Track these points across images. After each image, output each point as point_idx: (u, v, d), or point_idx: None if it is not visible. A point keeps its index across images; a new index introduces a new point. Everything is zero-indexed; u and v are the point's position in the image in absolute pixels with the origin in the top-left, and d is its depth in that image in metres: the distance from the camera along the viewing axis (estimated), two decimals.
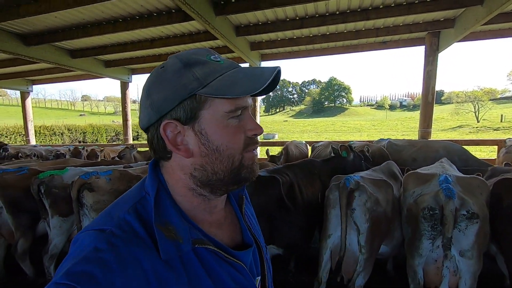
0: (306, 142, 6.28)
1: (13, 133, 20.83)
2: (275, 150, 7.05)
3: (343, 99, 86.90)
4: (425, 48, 5.85)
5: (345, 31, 5.88)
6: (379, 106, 78.67)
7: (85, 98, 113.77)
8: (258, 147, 0.66)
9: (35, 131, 20.78)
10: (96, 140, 24.35)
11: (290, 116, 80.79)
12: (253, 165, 0.62)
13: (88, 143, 18.96)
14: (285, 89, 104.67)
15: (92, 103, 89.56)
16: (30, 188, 2.53)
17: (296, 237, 2.26)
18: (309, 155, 5.75)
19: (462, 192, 1.85)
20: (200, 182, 0.60)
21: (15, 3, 4.25)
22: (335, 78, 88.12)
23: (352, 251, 2.07)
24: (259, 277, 0.71)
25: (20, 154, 5.83)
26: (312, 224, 2.47)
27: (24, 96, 9.78)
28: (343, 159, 2.99)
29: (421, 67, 5.93)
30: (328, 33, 6.00)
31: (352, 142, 4.88)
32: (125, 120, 8.80)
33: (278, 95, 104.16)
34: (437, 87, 5.91)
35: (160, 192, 0.58)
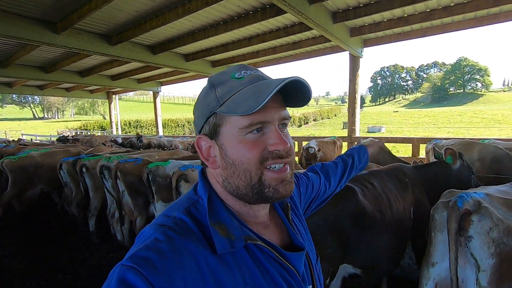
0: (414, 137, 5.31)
1: (150, 125, 26.10)
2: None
3: (477, 83, 70.24)
4: None
5: None
6: None
7: None
8: (287, 165, 0.62)
9: (163, 123, 25.57)
10: None
11: (403, 106, 71.21)
12: (278, 186, 0.61)
13: None
14: (397, 75, 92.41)
15: None
16: (142, 175, 3.05)
17: (377, 258, 1.88)
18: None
19: None
20: (230, 193, 0.63)
21: (143, 20, 5.16)
22: (466, 58, 71.95)
23: None
24: (310, 286, 0.71)
25: (149, 143, 7.19)
26: (401, 245, 2.01)
27: (155, 95, 12.03)
28: (446, 166, 2.31)
29: None
30: (452, 4, 4.81)
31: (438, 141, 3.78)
32: None
33: (387, 83, 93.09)
34: None
35: (212, 196, 0.63)
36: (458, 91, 71.21)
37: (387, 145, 6.73)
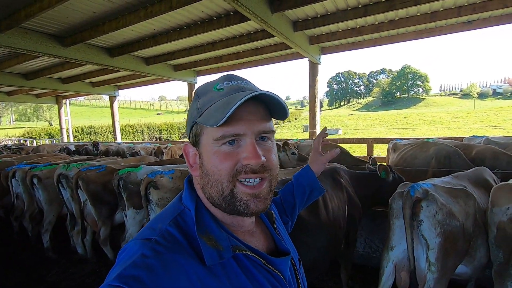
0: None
1: (106, 131, 24.53)
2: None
3: (419, 88, 77.82)
4: None
5: (418, 14, 5.19)
6: (465, 95, 68.28)
7: (161, 98, 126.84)
8: (264, 181, 0.61)
9: (121, 129, 24.19)
10: (170, 137, 26.93)
11: (356, 110, 76.09)
12: (249, 201, 0.60)
13: (163, 140, 21.12)
14: (351, 81, 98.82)
15: (167, 102, 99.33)
16: (112, 182, 2.93)
17: (314, 258, 1.89)
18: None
19: None
20: (209, 202, 0.64)
21: (101, 21, 4.93)
22: (409, 66, 79.43)
23: (419, 268, 1.83)
24: None
25: (109, 151, 6.81)
26: (337, 242, 2.09)
27: (112, 100, 11.38)
28: (380, 179, 2.54)
29: None
30: (397, 18, 5.39)
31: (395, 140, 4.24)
32: None
33: (342, 88, 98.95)
34: None
35: (199, 205, 0.63)
36: (403, 95, 78.10)
37: (345, 146, 7.22)
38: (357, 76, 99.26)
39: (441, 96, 76.79)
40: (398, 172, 4.23)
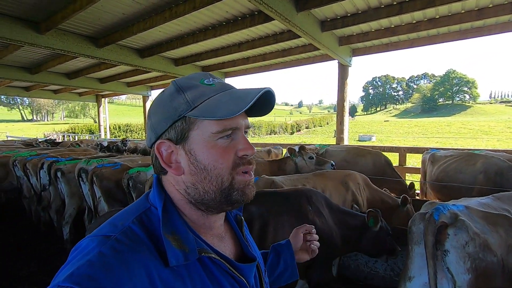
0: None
1: (141, 129, 25.78)
2: None
3: (465, 95, 72.04)
4: None
5: (462, 11, 4.67)
6: None
7: None
8: (251, 170, 0.65)
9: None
10: None
11: (393, 116, 72.38)
12: (245, 189, 0.62)
13: None
14: (388, 85, 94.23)
15: None
16: (122, 181, 2.94)
17: None
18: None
19: None
20: (194, 199, 0.61)
21: (130, 23, 5.09)
22: (454, 71, 73.90)
23: None
24: None
25: (136, 148, 7.04)
26: None
27: (144, 99, 11.88)
28: (366, 226, 2.09)
29: None
30: (437, 17, 4.90)
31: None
32: None
33: (379, 93, 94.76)
34: None
35: (167, 204, 0.60)
36: (447, 102, 72.78)
37: None
38: (396, 81, 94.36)
39: (491, 103, 70.38)
40: (437, 189, 3.81)
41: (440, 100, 73.97)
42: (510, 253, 1.43)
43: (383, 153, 4.69)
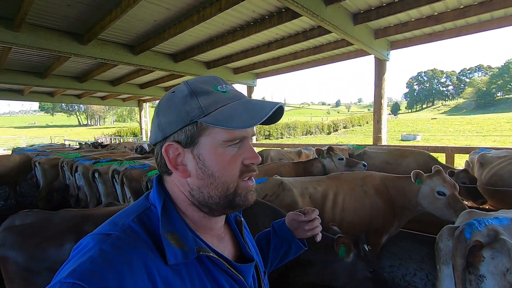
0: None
1: None
2: None
3: None
4: None
5: None
6: None
7: None
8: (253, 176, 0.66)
9: None
10: None
11: (442, 113, 66.72)
12: (247, 194, 0.64)
13: None
14: (436, 80, 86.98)
15: None
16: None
17: None
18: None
19: None
20: (198, 202, 0.62)
21: (162, 29, 5.28)
22: None
23: None
24: None
25: None
26: None
27: None
28: (335, 256, 1.70)
29: None
30: None
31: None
32: None
33: (425, 88, 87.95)
34: None
35: (167, 204, 0.61)
36: (506, 96, 65.06)
37: None
38: (444, 75, 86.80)
39: None
40: (489, 194, 3.29)
41: (498, 94, 66.37)
42: None
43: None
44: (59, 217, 1.73)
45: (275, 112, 0.62)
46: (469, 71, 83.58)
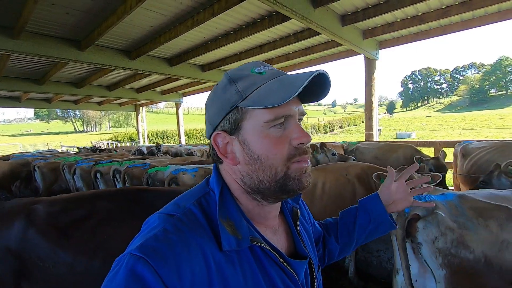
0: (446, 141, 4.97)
1: (176, 135, 27.07)
2: None
3: None
4: None
5: None
6: None
7: None
8: (308, 158, 0.63)
9: (189, 133, 26.50)
10: None
11: (437, 111, 67.36)
12: (301, 177, 0.61)
13: None
14: (430, 79, 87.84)
15: None
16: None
17: None
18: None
19: None
20: (250, 188, 0.62)
21: (157, 34, 5.45)
22: (507, 57, 66.72)
23: None
24: None
25: (167, 151, 7.46)
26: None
27: (177, 106, 12.49)
28: None
29: None
30: None
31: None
32: None
33: (420, 87, 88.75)
34: None
35: (224, 190, 0.63)
36: (500, 92, 65.98)
37: None
38: (438, 73, 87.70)
39: None
40: (469, 182, 3.48)
41: (491, 91, 67.33)
42: (503, 250, 1.29)
43: (418, 148, 4.43)
44: (11, 202, 1.76)
45: (317, 84, 0.60)
46: (462, 69, 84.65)
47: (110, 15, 4.45)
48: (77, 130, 76.07)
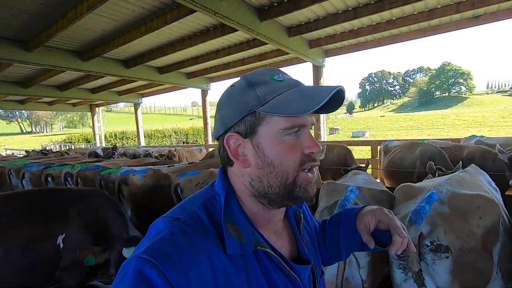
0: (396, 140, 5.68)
1: (136, 136, 26.13)
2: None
3: (461, 87, 72.25)
4: None
5: (415, 13, 5.06)
6: None
7: (194, 104, 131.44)
8: (314, 168, 0.65)
9: (150, 134, 25.66)
10: (196, 140, 27.94)
11: (391, 111, 72.54)
12: (307, 186, 0.63)
13: (190, 144, 22.07)
14: (384, 81, 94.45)
15: (199, 108, 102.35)
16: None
17: None
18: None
19: (443, 216, 1.43)
20: (257, 192, 0.63)
21: (111, 37, 5.49)
22: (449, 63, 74.15)
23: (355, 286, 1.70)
24: None
25: (124, 153, 7.43)
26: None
27: (136, 107, 12.27)
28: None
29: None
30: (394, 18, 5.29)
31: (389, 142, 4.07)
32: (205, 123, 9.95)
33: (376, 88, 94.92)
34: None
35: (229, 195, 0.64)
36: (443, 95, 73.00)
37: (352, 148, 7.11)
38: (392, 76, 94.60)
39: (488, 94, 70.62)
40: (387, 176, 4.17)
41: (436, 93, 74.27)
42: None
43: (362, 147, 5.11)
44: None
45: (334, 98, 0.61)
46: (412, 72, 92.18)
47: (59, 18, 4.45)
48: (24, 131, 69.43)
